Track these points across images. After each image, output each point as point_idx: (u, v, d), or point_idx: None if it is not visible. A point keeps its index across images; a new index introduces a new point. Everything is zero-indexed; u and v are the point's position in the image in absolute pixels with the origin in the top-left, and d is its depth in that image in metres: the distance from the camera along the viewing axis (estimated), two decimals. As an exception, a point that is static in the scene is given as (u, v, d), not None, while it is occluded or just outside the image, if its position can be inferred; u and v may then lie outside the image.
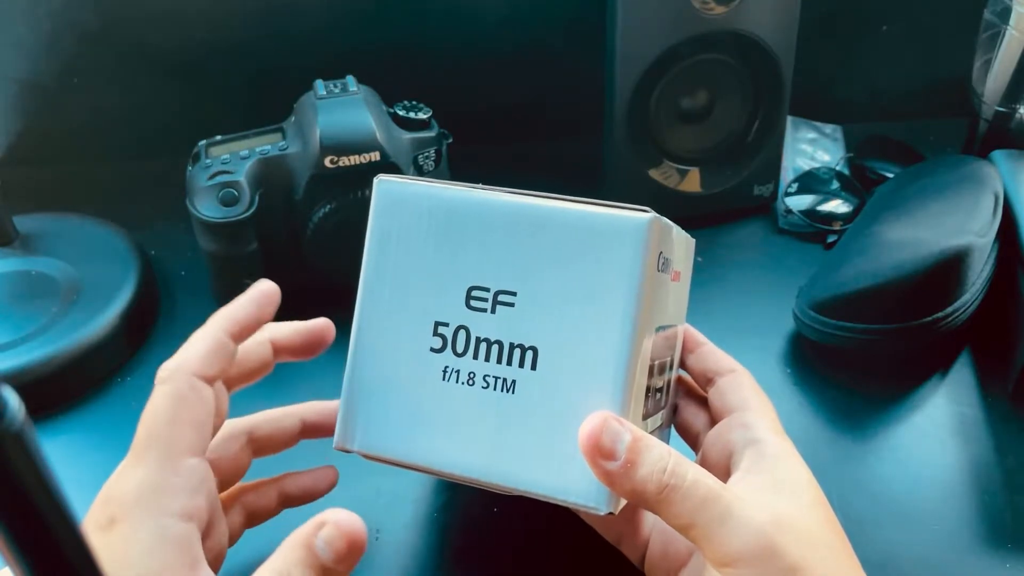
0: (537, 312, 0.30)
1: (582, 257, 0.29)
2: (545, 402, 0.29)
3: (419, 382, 0.31)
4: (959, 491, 0.42)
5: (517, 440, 0.30)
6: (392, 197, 0.32)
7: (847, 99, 0.69)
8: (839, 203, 0.59)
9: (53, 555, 0.15)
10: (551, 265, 0.30)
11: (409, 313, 0.31)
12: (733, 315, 0.51)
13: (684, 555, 0.33)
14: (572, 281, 0.29)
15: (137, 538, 0.27)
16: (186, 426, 0.30)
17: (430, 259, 0.31)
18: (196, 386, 0.30)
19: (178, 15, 0.60)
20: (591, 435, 0.27)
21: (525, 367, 0.30)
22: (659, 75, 0.56)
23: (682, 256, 0.34)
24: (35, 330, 0.47)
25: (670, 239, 0.31)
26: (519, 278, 0.30)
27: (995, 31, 0.56)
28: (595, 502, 0.28)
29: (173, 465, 0.29)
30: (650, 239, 0.29)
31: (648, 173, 0.58)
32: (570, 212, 0.30)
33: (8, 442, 0.13)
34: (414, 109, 0.51)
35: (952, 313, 0.46)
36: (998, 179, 0.51)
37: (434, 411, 0.31)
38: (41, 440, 0.14)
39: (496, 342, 0.30)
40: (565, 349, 0.29)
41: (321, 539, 0.26)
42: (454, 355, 0.30)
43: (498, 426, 0.30)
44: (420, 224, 0.31)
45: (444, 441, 0.30)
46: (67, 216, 0.56)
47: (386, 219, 0.32)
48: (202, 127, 0.51)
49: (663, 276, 0.31)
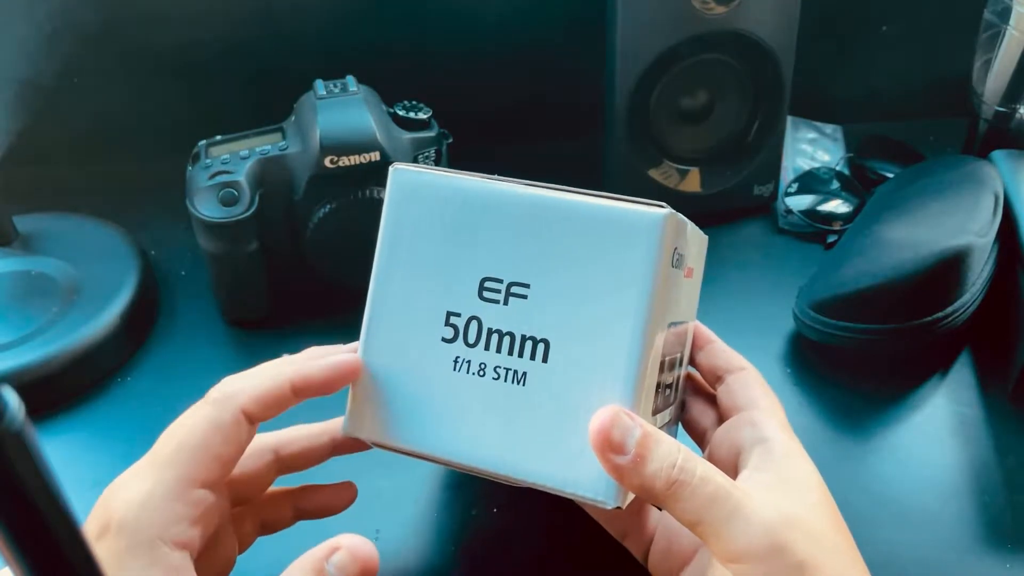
0: (550, 305, 0.30)
1: (597, 251, 0.29)
2: (555, 395, 0.29)
3: (430, 372, 0.31)
4: (959, 491, 0.42)
5: (526, 432, 0.30)
6: (407, 186, 0.32)
7: (847, 99, 0.69)
8: (839, 203, 0.59)
9: (53, 555, 0.15)
10: (566, 258, 0.30)
11: (421, 302, 0.31)
12: (733, 315, 0.51)
13: (688, 552, 0.33)
14: (586, 275, 0.29)
15: (128, 560, 0.27)
16: (212, 458, 0.29)
17: (443, 249, 0.31)
18: (239, 421, 0.29)
19: (178, 15, 0.60)
20: (601, 429, 0.27)
21: (536, 359, 0.30)
22: (659, 75, 0.56)
23: (695, 253, 0.34)
24: (35, 330, 0.47)
25: (685, 235, 0.31)
26: (533, 270, 0.30)
27: (995, 31, 0.56)
28: (603, 496, 0.29)
29: (184, 492, 0.28)
30: (665, 234, 0.29)
31: (648, 173, 0.58)
32: (586, 206, 0.30)
33: (8, 442, 0.13)
34: (414, 109, 0.51)
35: (952, 313, 0.46)
36: (998, 179, 0.51)
37: (444, 401, 0.31)
38: (41, 440, 0.14)
39: (508, 334, 0.30)
40: (577, 342, 0.29)
41: (333, 565, 0.26)
42: (465, 346, 0.30)
43: (508, 418, 0.30)
44: (434, 213, 0.31)
45: (453, 431, 0.30)
46: (67, 216, 0.56)
47: (400, 208, 0.32)
48: (202, 127, 0.51)
49: (677, 272, 0.31)
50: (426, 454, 0.31)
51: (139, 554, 0.27)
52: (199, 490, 0.29)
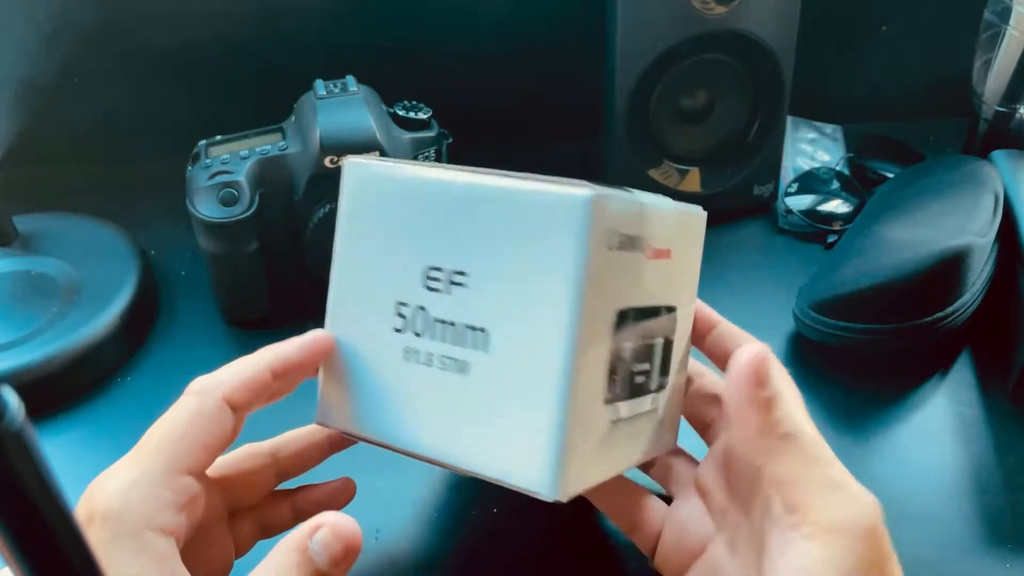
0: (488, 293, 0.29)
1: (528, 236, 0.28)
2: (496, 385, 0.29)
3: (384, 362, 0.31)
4: (959, 491, 0.42)
5: (469, 422, 0.29)
6: (359, 179, 0.32)
7: (847, 99, 0.69)
8: (839, 203, 0.59)
9: (53, 555, 0.15)
10: (501, 245, 0.29)
11: (375, 293, 0.31)
12: (733, 315, 0.51)
13: (698, 547, 0.33)
14: (520, 261, 0.28)
15: (113, 549, 0.27)
16: (196, 445, 0.29)
17: (392, 240, 0.31)
18: (222, 408, 0.30)
19: (178, 15, 0.60)
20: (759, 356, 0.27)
21: (478, 349, 0.29)
22: (659, 75, 0.56)
23: (671, 232, 0.32)
24: (35, 330, 0.47)
25: (633, 215, 0.30)
26: (471, 258, 0.29)
27: (995, 31, 0.56)
28: (541, 487, 0.28)
29: (169, 479, 0.28)
30: (592, 216, 0.27)
31: (648, 173, 0.58)
32: (514, 190, 0.29)
33: (8, 442, 0.13)
34: (414, 109, 0.51)
35: (952, 313, 0.46)
36: (998, 179, 0.51)
37: (397, 391, 0.31)
38: (41, 440, 0.14)
39: (451, 323, 0.30)
40: (513, 331, 0.29)
41: (316, 542, 0.26)
42: (414, 336, 0.30)
43: (453, 408, 0.30)
44: (384, 205, 0.31)
45: (405, 421, 0.31)
46: (67, 216, 0.56)
47: (354, 201, 0.32)
48: (202, 127, 0.51)
49: (622, 255, 0.29)
50: (385, 443, 0.31)
51: (125, 543, 0.27)
52: (184, 477, 0.29)
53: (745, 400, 0.28)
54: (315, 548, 0.26)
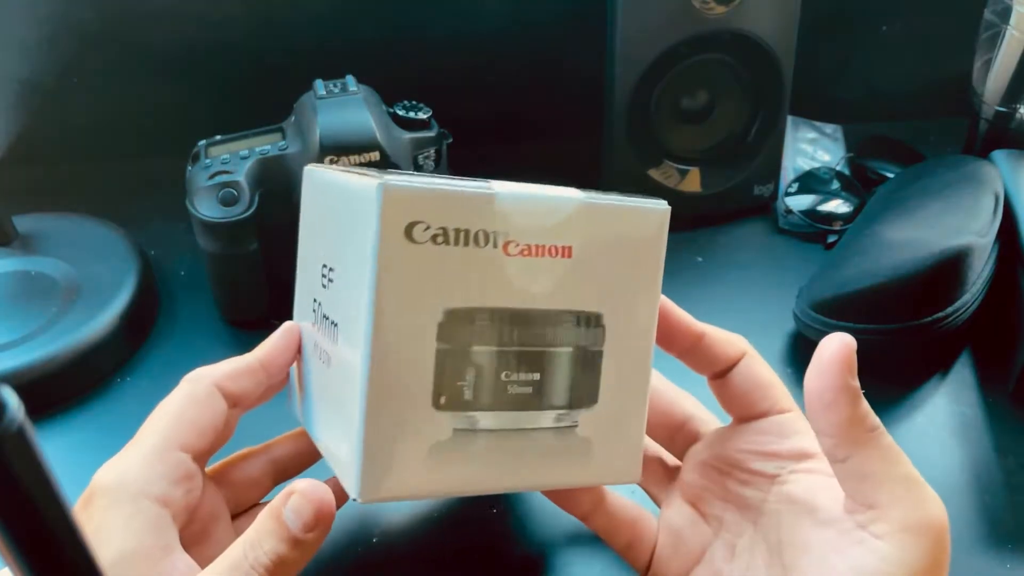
0: (340, 287, 0.30)
1: (354, 229, 0.28)
2: (337, 379, 0.30)
3: (307, 357, 0.33)
4: (959, 491, 0.42)
5: (328, 415, 0.31)
6: (307, 184, 0.34)
7: (847, 99, 0.69)
8: (839, 203, 0.59)
9: (53, 555, 0.15)
10: (346, 239, 0.29)
11: (305, 291, 0.34)
12: (733, 315, 0.51)
13: (697, 551, 0.33)
14: (351, 254, 0.29)
15: (110, 515, 0.28)
16: (188, 425, 0.30)
17: (315, 239, 0.33)
18: (212, 394, 0.31)
19: (178, 15, 0.60)
20: (849, 345, 0.28)
21: (337, 343, 0.30)
22: (659, 75, 0.56)
23: (563, 230, 0.29)
24: (35, 330, 0.47)
25: (461, 207, 0.28)
26: (335, 254, 0.30)
27: (995, 31, 0.56)
28: (348, 486, 0.28)
29: (163, 453, 0.29)
30: (379, 205, 0.26)
31: (648, 173, 0.58)
32: (346, 184, 0.29)
33: (8, 442, 0.13)
34: (414, 109, 0.51)
35: (952, 313, 0.46)
36: (998, 179, 0.51)
37: (309, 385, 0.33)
38: (41, 440, 0.14)
39: (326, 317, 0.31)
40: (348, 325, 0.29)
41: (289, 509, 0.26)
42: (314, 331, 0.32)
43: (323, 400, 0.31)
44: (315, 207, 0.33)
45: (313, 415, 0.33)
46: (67, 216, 0.55)
47: (304, 204, 0.34)
48: (202, 127, 0.51)
49: (448, 249, 0.27)
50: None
51: (122, 508, 0.28)
52: (177, 452, 0.30)
53: (838, 389, 0.27)
54: (288, 515, 0.26)
